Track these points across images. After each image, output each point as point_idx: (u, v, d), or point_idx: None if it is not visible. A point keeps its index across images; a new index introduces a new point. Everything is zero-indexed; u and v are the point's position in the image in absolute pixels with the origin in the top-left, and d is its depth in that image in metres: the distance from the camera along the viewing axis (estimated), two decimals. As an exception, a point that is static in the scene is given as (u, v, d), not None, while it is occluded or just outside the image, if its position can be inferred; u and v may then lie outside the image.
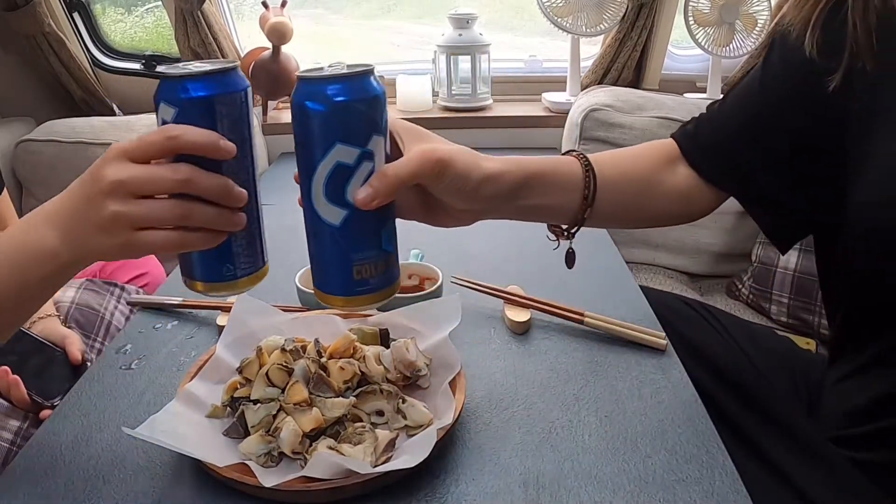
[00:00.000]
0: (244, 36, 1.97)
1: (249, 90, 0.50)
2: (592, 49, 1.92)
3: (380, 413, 0.62)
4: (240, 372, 0.64)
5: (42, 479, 0.58)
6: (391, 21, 2.45)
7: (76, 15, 1.90)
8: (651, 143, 0.75)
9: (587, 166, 0.65)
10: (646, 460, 0.59)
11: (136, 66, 1.96)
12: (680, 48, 1.91)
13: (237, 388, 0.63)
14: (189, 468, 0.59)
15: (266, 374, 0.62)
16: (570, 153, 0.67)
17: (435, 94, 1.88)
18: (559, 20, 1.70)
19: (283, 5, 1.72)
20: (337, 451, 0.56)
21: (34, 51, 1.80)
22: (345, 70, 0.49)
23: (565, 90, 1.82)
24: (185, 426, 0.60)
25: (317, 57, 2.00)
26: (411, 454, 0.55)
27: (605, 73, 1.81)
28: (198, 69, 0.48)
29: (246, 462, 0.56)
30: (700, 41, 1.73)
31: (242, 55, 1.84)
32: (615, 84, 1.79)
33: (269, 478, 0.54)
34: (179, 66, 0.49)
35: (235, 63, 0.50)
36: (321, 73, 0.49)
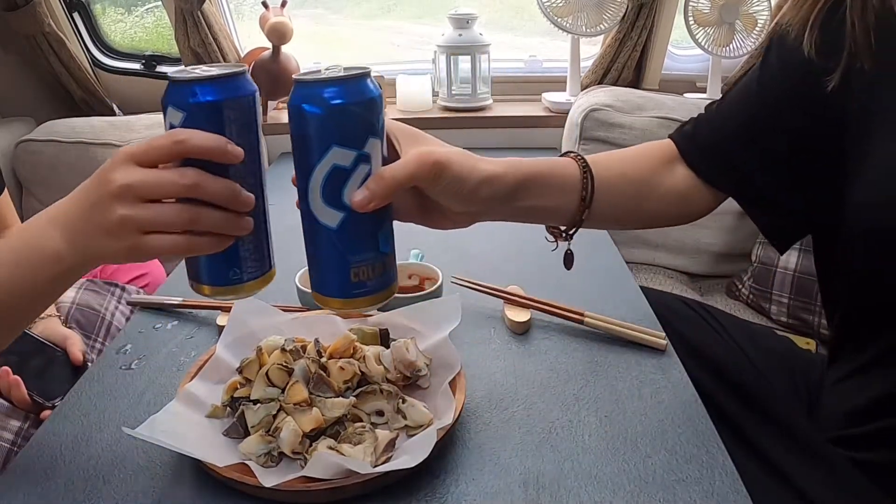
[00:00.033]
0: (244, 36, 1.97)
1: (257, 94, 0.50)
2: (592, 49, 1.92)
3: (380, 413, 0.62)
4: (240, 372, 0.64)
5: (42, 479, 0.58)
6: (391, 21, 2.45)
7: (76, 15, 1.90)
8: (649, 144, 0.75)
9: (585, 167, 0.65)
10: (646, 460, 0.59)
11: (136, 66, 1.96)
12: (680, 48, 1.91)
13: (237, 388, 0.63)
14: (189, 468, 0.59)
15: (266, 374, 0.62)
16: (568, 154, 0.67)
17: (435, 95, 1.88)
18: (559, 20, 1.70)
19: (283, 5, 1.72)
20: (337, 451, 0.56)
21: (34, 51, 1.80)
22: (341, 73, 0.49)
23: (565, 90, 1.82)
24: (185, 426, 0.60)
25: (317, 57, 2.00)
26: (411, 454, 0.55)
27: (605, 73, 1.81)
28: (206, 73, 0.48)
29: (246, 462, 0.56)
30: (700, 41, 1.73)
31: (242, 55, 1.84)
32: (615, 84, 1.79)
33: (269, 478, 0.54)
34: (187, 70, 0.49)
35: (244, 67, 0.49)
36: (318, 76, 0.49)
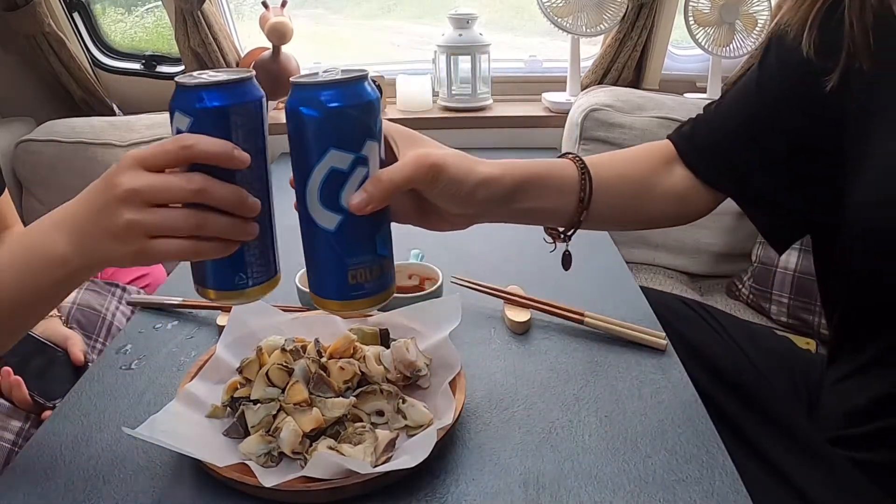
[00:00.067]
0: (244, 36, 1.97)
1: (264, 100, 0.50)
2: (592, 49, 1.92)
3: (380, 413, 0.62)
4: (240, 372, 0.64)
5: (42, 479, 0.58)
6: (391, 21, 2.45)
7: (76, 15, 1.90)
8: (647, 145, 0.75)
9: (583, 169, 0.65)
10: (646, 460, 0.59)
11: (136, 66, 1.96)
12: (680, 48, 1.91)
13: (237, 388, 0.63)
14: (189, 468, 0.59)
15: (266, 374, 0.62)
16: (566, 156, 0.67)
17: (435, 95, 1.88)
18: (559, 20, 1.70)
19: (283, 5, 1.72)
20: (337, 451, 0.56)
21: (34, 51, 1.80)
22: (339, 76, 0.49)
23: (565, 90, 1.82)
24: (185, 426, 0.60)
25: (317, 57, 2.00)
26: (411, 454, 0.55)
27: (605, 73, 1.81)
28: (213, 79, 0.48)
29: (246, 462, 0.56)
30: (700, 41, 1.73)
31: (242, 55, 1.84)
32: (615, 84, 1.79)
33: (269, 478, 0.54)
34: (195, 75, 0.49)
35: (251, 73, 0.49)
36: (315, 79, 0.49)
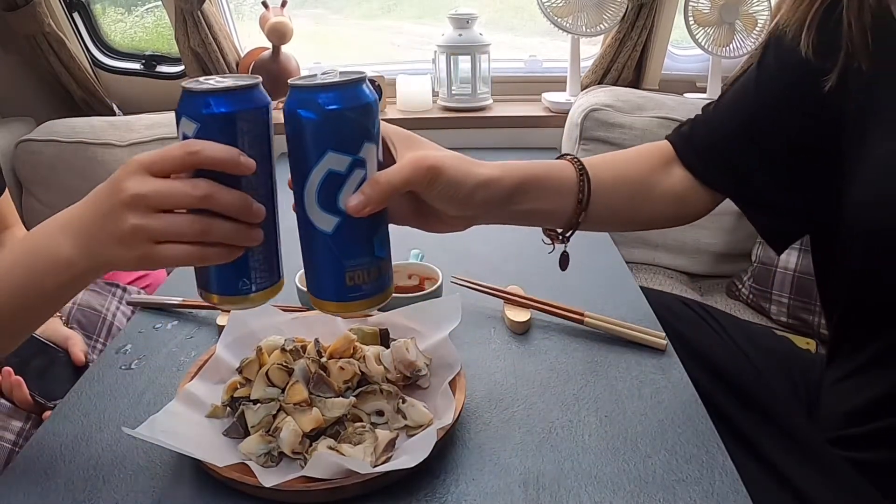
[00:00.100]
0: (244, 36, 1.97)
1: (271, 106, 0.50)
2: (592, 49, 1.92)
3: (380, 413, 0.62)
4: (240, 372, 0.64)
5: (42, 479, 0.58)
6: (391, 21, 2.45)
7: (76, 15, 1.90)
8: (646, 146, 0.75)
9: (581, 170, 0.65)
10: (646, 460, 0.59)
11: (136, 66, 1.96)
12: (680, 48, 1.91)
13: (237, 388, 0.63)
14: (189, 468, 0.59)
15: (266, 374, 0.62)
16: (564, 157, 0.67)
17: (435, 94, 1.88)
18: (559, 20, 1.70)
19: (283, 5, 1.72)
20: (337, 451, 0.56)
21: (34, 51, 1.80)
22: (337, 78, 0.49)
23: (565, 90, 1.82)
24: (185, 426, 0.60)
25: (317, 57, 2.00)
26: (411, 454, 0.55)
27: (605, 73, 1.81)
28: (220, 85, 0.48)
29: (246, 462, 0.56)
30: (700, 41, 1.73)
31: (242, 55, 1.84)
32: (615, 84, 1.79)
33: (269, 478, 0.54)
34: (201, 81, 0.49)
35: (258, 79, 0.49)
36: (313, 81, 0.49)
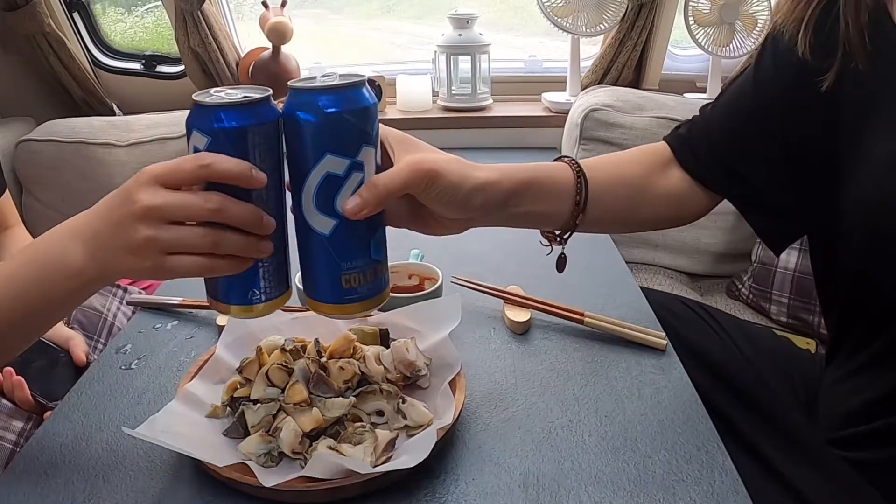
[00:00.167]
0: (244, 36, 1.97)
1: (281, 120, 0.50)
2: (592, 49, 1.92)
3: (380, 413, 0.62)
4: (240, 372, 0.64)
5: (42, 479, 0.58)
6: (391, 21, 2.45)
7: (76, 15, 1.90)
8: (643, 147, 0.75)
9: (579, 172, 0.65)
10: (646, 460, 0.59)
11: (136, 66, 1.96)
12: (680, 48, 1.91)
13: (237, 388, 0.63)
14: (189, 468, 0.59)
15: (266, 374, 0.62)
16: (562, 159, 0.67)
17: (435, 94, 1.87)
18: (559, 20, 1.70)
19: (283, 5, 1.72)
20: (337, 451, 0.56)
21: (34, 51, 1.80)
22: (337, 81, 0.49)
23: (565, 90, 1.82)
24: (185, 426, 0.60)
25: (317, 57, 2.00)
26: (411, 454, 0.55)
27: (605, 73, 1.80)
28: (232, 99, 0.48)
29: (246, 462, 0.56)
30: (700, 41, 1.73)
31: (242, 55, 1.84)
32: (615, 84, 1.79)
33: (269, 478, 0.54)
34: (212, 93, 0.49)
35: (268, 92, 0.49)
36: (313, 84, 0.49)
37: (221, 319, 0.81)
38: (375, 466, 0.55)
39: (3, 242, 1.12)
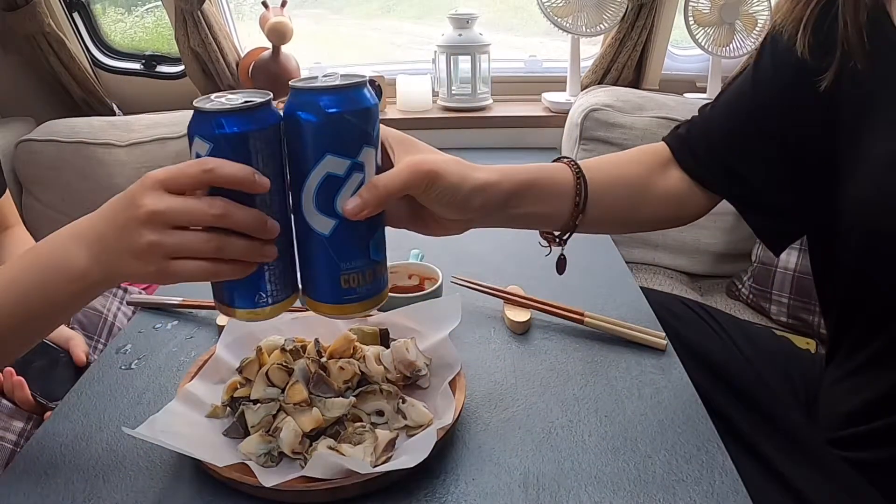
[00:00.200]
0: (244, 36, 1.97)
1: (282, 123, 0.50)
2: (592, 49, 1.92)
3: (380, 413, 0.62)
4: (240, 372, 0.64)
5: (42, 479, 0.58)
6: (391, 21, 2.45)
7: (76, 15, 1.90)
8: (642, 148, 0.75)
9: (578, 173, 0.65)
10: (646, 460, 0.59)
11: (136, 66, 1.96)
12: (680, 48, 1.91)
13: (237, 388, 0.63)
14: (189, 468, 0.59)
15: (266, 374, 0.62)
16: (562, 160, 0.67)
17: (435, 94, 1.87)
18: (559, 20, 1.70)
19: (283, 5, 1.72)
20: (337, 451, 0.56)
21: (34, 51, 1.80)
22: (338, 81, 0.49)
23: (565, 90, 1.82)
24: (185, 426, 0.60)
25: (317, 57, 2.00)
26: (411, 454, 0.55)
27: (605, 73, 1.80)
28: (232, 104, 0.48)
29: (246, 462, 0.56)
30: (700, 41, 1.73)
31: (242, 55, 1.84)
32: (615, 84, 1.79)
33: (269, 478, 0.54)
34: (212, 98, 0.49)
35: (269, 96, 0.49)
36: (314, 84, 0.49)
37: (221, 319, 0.81)
38: (375, 466, 0.55)
39: (4, 242, 1.12)
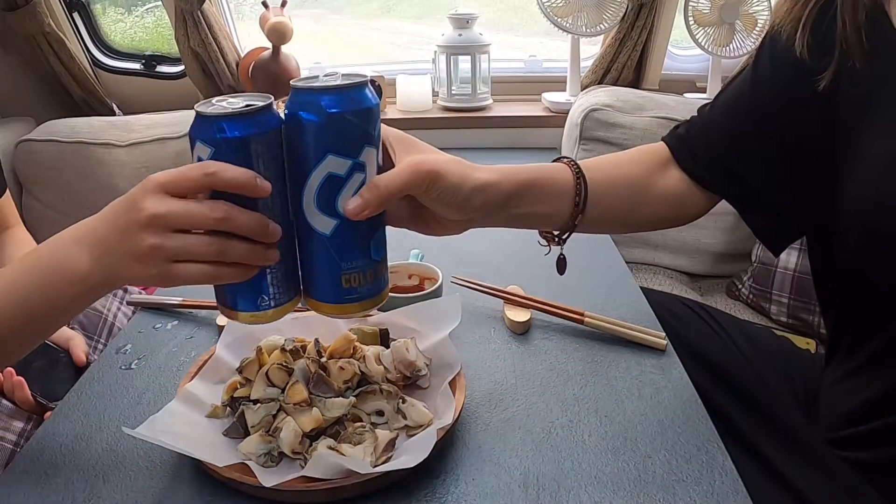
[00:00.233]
0: (244, 36, 1.97)
1: (283, 127, 0.50)
2: (592, 49, 1.92)
3: (380, 413, 0.62)
4: (240, 372, 0.64)
5: (42, 479, 0.58)
6: (391, 21, 2.45)
7: (76, 15, 1.90)
8: (642, 148, 0.75)
9: (578, 173, 0.65)
10: (646, 460, 0.59)
11: (136, 66, 1.96)
12: (680, 48, 1.91)
13: (237, 388, 0.63)
14: (189, 468, 0.59)
15: (266, 374, 0.62)
16: (562, 160, 0.67)
17: (435, 94, 1.87)
18: (559, 20, 1.70)
19: (283, 5, 1.72)
20: (337, 451, 0.56)
21: (34, 51, 1.80)
22: (339, 81, 0.49)
23: (565, 90, 1.82)
24: (185, 426, 0.60)
25: (317, 57, 2.00)
26: (411, 454, 0.55)
27: (605, 73, 1.80)
28: (234, 108, 0.48)
29: (246, 462, 0.56)
30: (700, 41, 1.73)
31: (242, 55, 1.84)
32: (615, 84, 1.79)
33: (269, 478, 0.54)
34: (214, 102, 0.49)
35: (270, 100, 0.49)
36: (315, 84, 0.49)
37: (221, 319, 0.81)
38: (375, 466, 0.55)
39: (4, 243, 1.12)
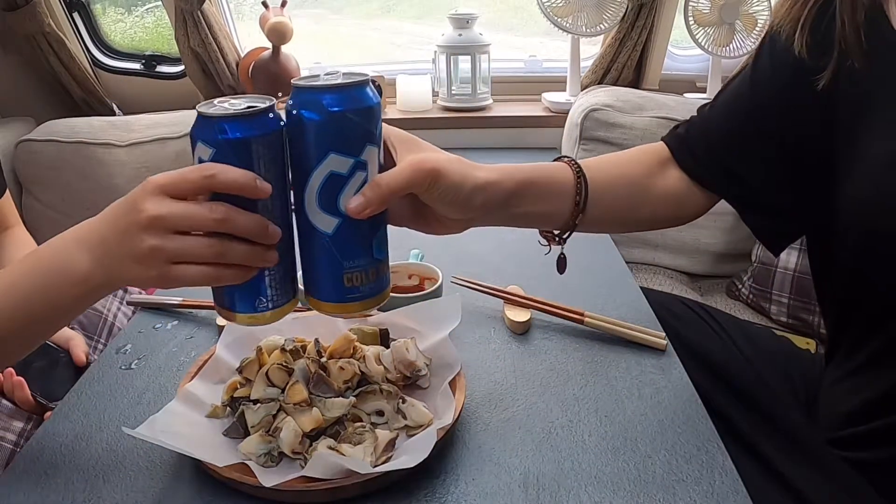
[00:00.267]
0: (244, 36, 1.97)
1: (285, 129, 0.50)
2: (592, 49, 1.92)
3: (380, 413, 0.62)
4: (240, 372, 0.64)
5: (42, 479, 0.58)
6: (391, 21, 2.46)
7: (76, 15, 1.90)
8: (642, 148, 0.75)
9: (578, 173, 0.65)
10: (646, 460, 0.59)
11: (136, 66, 1.96)
12: (680, 48, 1.91)
13: (237, 388, 0.63)
14: (189, 468, 0.59)
15: (266, 374, 0.62)
16: (562, 159, 0.67)
17: (435, 95, 1.87)
18: (559, 20, 1.70)
19: (283, 5, 1.72)
20: (337, 451, 0.56)
21: (34, 51, 1.80)
22: (341, 79, 0.49)
23: (565, 90, 1.82)
24: (185, 426, 0.60)
25: (317, 57, 2.00)
26: (411, 454, 0.55)
27: (605, 73, 1.80)
28: (235, 110, 0.48)
29: (246, 462, 0.56)
30: (700, 41, 1.73)
31: (242, 55, 1.84)
32: (615, 84, 1.79)
33: (269, 478, 0.54)
34: (215, 103, 0.49)
35: (272, 102, 0.49)
36: (317, 83, 0.49)
37: (221, 320, 0.81)
38: (375, 466, 0.55)
39: (4, 243, 1.12)
